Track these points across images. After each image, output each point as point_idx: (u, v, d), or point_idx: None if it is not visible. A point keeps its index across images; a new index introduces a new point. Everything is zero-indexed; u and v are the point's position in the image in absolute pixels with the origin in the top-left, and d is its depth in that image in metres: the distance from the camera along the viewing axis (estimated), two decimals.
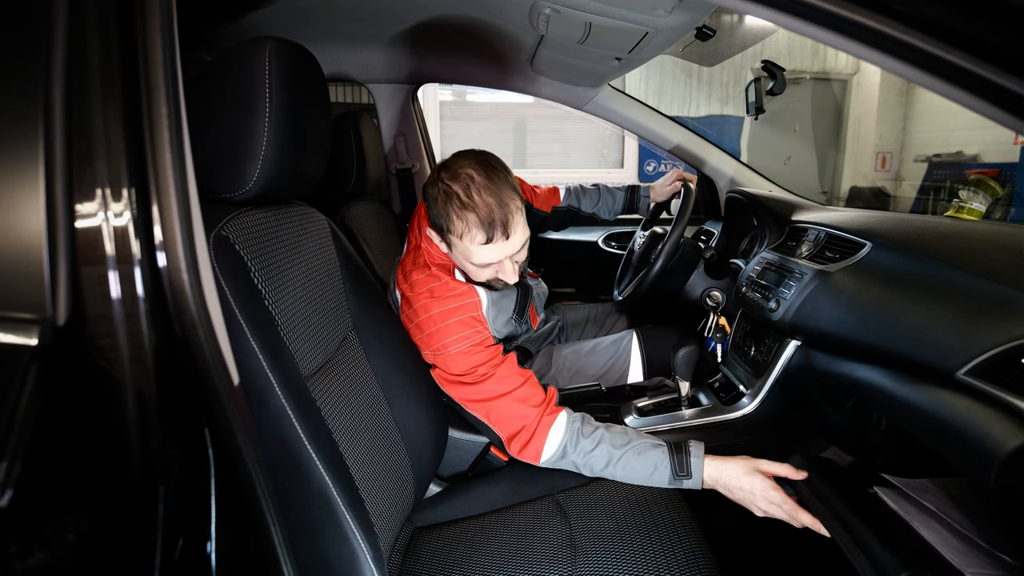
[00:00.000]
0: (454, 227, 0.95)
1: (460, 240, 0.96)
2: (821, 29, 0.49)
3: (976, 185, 4.28)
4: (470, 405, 0.99)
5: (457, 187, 0.93)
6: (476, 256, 0.97)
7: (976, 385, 0.64)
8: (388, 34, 1.54)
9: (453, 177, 0.95)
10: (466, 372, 0.99)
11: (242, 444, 0.50)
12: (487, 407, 0.98)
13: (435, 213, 0.97)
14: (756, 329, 1.21)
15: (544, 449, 0.95)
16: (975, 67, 0.44)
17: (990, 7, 0.43)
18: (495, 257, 0.98)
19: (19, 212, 0.42)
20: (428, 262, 1.07)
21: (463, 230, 0.94)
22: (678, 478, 0.90)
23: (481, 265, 1.00)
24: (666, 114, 1.80)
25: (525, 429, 0.96)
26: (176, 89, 0.47)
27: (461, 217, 0.93)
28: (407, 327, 1.06)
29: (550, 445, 0.94)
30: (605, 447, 0.93)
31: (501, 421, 0.97)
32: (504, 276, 1.03)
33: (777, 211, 1.35)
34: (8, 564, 0.40)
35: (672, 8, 1.03)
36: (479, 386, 0.98)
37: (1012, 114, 0.44)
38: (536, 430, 0.95)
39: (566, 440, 0.94)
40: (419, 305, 1.02)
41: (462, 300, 1.02)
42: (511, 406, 0.97)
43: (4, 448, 0.40)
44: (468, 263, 1.01)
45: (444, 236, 0.99)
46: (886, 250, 0.90)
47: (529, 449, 0.95)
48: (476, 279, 1.06)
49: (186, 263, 0.46)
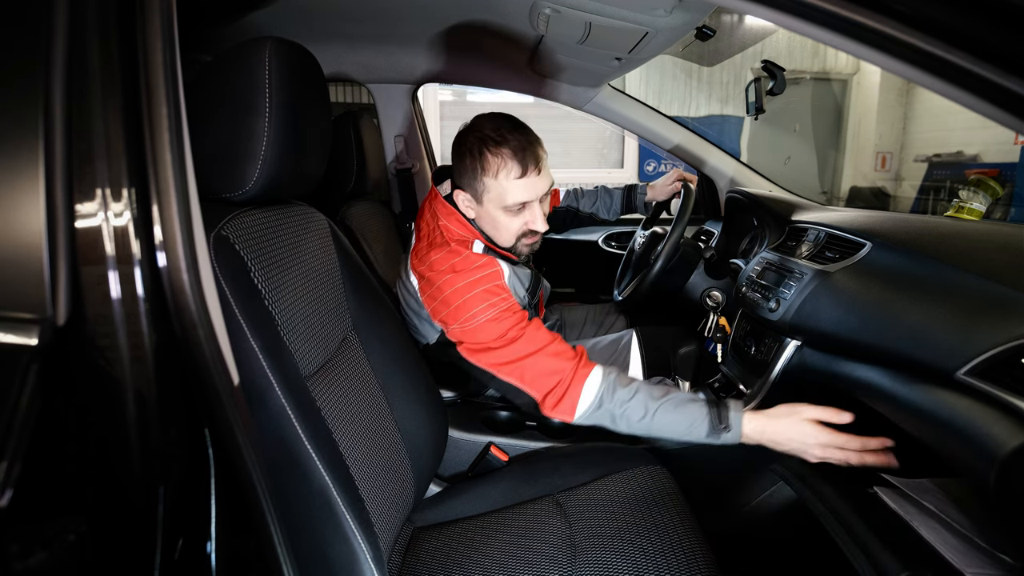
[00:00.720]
0: (489, 165, 1.01)
1: (495, 179, 1.02)
2: (821, 29, 0.49)
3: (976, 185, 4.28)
4: (502, 369, 0.98)
5: (488, 130, 1.02)
6: (511, 194, 1.02)
7: (976, 385, 0.64)
8: (388, 34, 1.54)
9: (482, 125, 1.04)
10: (497, 338, 0.98)
11: (242, 444, 0.50)
12: (520, 367, 0.96)
13: (466, 162, 1.04)
14: (756, 329, 1.21)
15: (580, 401, 0.93)
16: (975, 67, 0.44)
17: (990, 7, 0.43)
18: (529, 195, 1.04)
19: (19, 212, 0.42)
20: (447, 239, 1.08)
21: (499, 165, 1.01)
22: (715, 431, 0.88)
23: (514, 208, 1.04)
24: (666, 114, 1.80)
25: (560, 383, 0.94)
26: (176, 89, 0.47)
27: (496, 153, 1.01)
28: (429, 307, 1.06)
29: (586, 396, 0.93)
30: (642, 397, 0.92)
31: (536, 380, 0.96)
32: (534, 222, 1.08)
33: (777, 211, 1.35)
34: (8, 564, 0.40)
35: (672, 8, 1.03)
36: (510, 347, 0.97)
37: (1012, 114, 0.44)
38: (572, 382, 0.94)
39: (602, 390, 0.93)
40: (442, 281, 1.02)
41: (485, 270, 1.03)
42: (545, 361, 0.96)
43: (4, 448, 0.40)
44: (500, 212, 1.05)
45: (477, 182, 1.04)
46: (886, 250, 0.90)
47: (564, 403, 0.94)
48: (503, 239, 1.10)
49: (186, 263, 0.46)
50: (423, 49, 1.63)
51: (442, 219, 1.10)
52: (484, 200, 1.06)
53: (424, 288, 1.07)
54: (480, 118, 1.07)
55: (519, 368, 0.97)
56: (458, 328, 1.01)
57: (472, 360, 1.01)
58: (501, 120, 1.04)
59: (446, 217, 1.10)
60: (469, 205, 1.09)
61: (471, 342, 1.00)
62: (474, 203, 1.08)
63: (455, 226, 1.09)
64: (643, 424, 0.91)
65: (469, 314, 0.99)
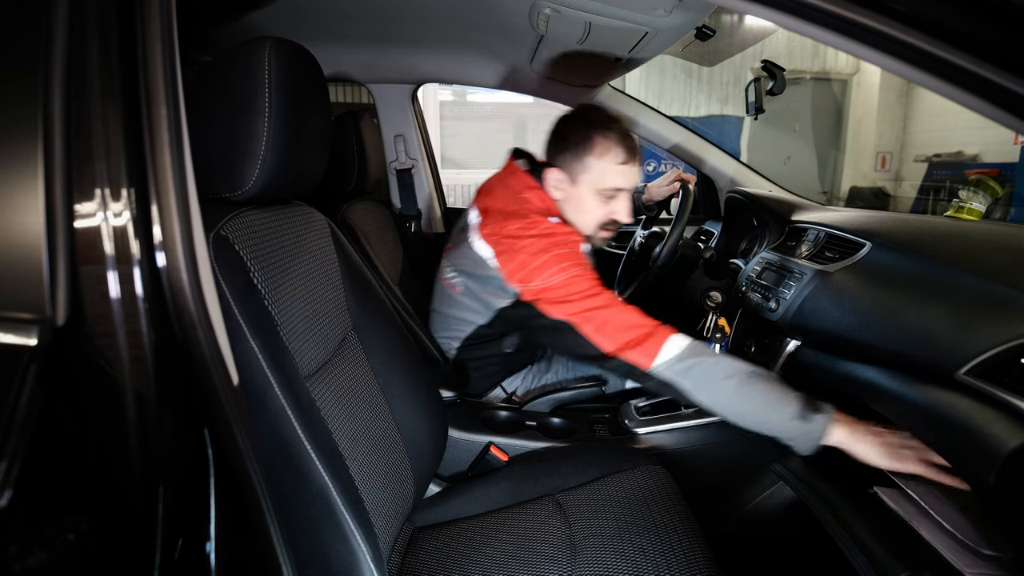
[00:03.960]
0: (595, 146, 1.07)
1: (599, 159, 1.07)
2: (821, 29, 0.49)
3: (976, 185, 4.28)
4: (583, 317, 0.97)
5: (595, 115, 1.09)
6: (609, 178, 1.08)
7: (976, 385, 0.64)
8: (388, 34, 1.54)
9: (588, 111, 1.11)
10: (579, 291, 0.98)
11: (241, 444, 0.50)
12: (602, 316, 0.96)
13: (569, 140, 1.09)
14: (756, 329, 1.21)
15: (662, 350, 0.91)
16: (975, 67, 0.44)
17: (990, 7, 0.43)
18: (625, 182, 1.10)
19: (19, 212, 0.42)
20: (529, 211, 1.10)
21: (605, 148, 1.07)
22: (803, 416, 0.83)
23: (607, 192, 1.10)
24: (666, 114, 1.80)
25: (642, 334, 0.93)
26: (175, 89, 0.47)
27: (604, 135, 1.07)
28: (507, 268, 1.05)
29: (669, 347, 0.91)
30: (726, 361, 0.90)
31: (617, 331, 0.94)
32: (620, 213, 1.13)
33: (777, 211, 1.35)
34: (8, 564, 0.40)
35: (672, 8, 1.03)
36: (593, 299, 0.98)
37: (1012, 114, 0.44)
38: (655, 333, 0.93)
39: (687, 346, 0.92)
40: (526, 243, 1.04)
41: (569, 236, 1.06)
42: (627, 315, 0.96)
43: (4, 448, 0.40)
44: (592, 195, 1.10)
45: (578, 162, 1.08)
46: (886, 250, 0.90)
47: (644, 347, 0.92)
48: (584, 224, 1.13)
49: (186, 263, 0.46)
50: (423, 49, 1.63)
51: (523, 192, 1.12)
52: (580, 180, 1.10)
53: (503, 251, 1.06)
54: (584, 106, 1.15)
55: (600, 316, 0.96)
56: (539, 283, 1.01)
57: (551, 311, 1.00)
58: (605, 110, 1.11)
59: (528, 191, 1.12)
60: (559, 185, 1.12)
61: (551, 296, 1.00)
62: (567, 183, 1.11)
63: (536, 199, 1.11)
64: (725, 385, 0.88)
65: (553, 269, 1.01)
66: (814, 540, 0.85)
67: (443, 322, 1.26)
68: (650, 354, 0.92)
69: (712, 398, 0.89)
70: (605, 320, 0.96)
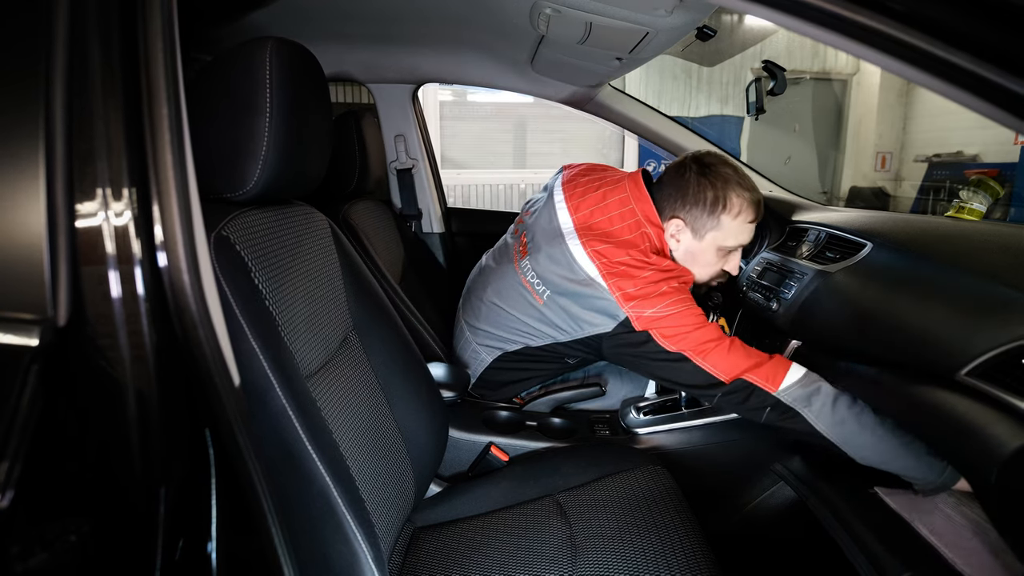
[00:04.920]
0: (732, 204, 1.07)
1: (734, 218, 1.08)
2: (821, 29, 0.49)
3: (976, 185, 4.28)
4: (701, 349, 0.98)
5: (731, 171, 1.09)
6: (738, 235, 1.10)
7: (977, 386, 0.64)
8: (388, 34, 1.54)
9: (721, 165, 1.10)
10: (695, 324, 1.00)
11: (243, 444, 0.50)
12: (720, 348, 0.97)
13: (705, 196, 1.08)
14: (756, 329, 1.21)
15: (789, 374, 0.93)
16: (975, 67, 0.44)
17: (990, 7, 0.43)
18: (749, 239, 1.12)
19: (20, 212, 0.42)
20: (647, 249, 1.08)
21: (741, 207, 1.07)
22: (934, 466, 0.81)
23: (729, 248, 1.11)
24: (666, 114, 1.80)
25: (762, 361, 0.96)
26: (177, 89, 0.47)
27: (741, 196, 1.07)
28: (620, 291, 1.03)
29: (793, 372, 0.93)
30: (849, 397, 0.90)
31: (736, 362, 0.96)
32: (732, 266, 1.15)
33: (777, 211, 1.35)
34: (9, 565, 0.40)
35: (673, 8, 1.03)
36: (707, 329, 1.00)
37: (1012, 114, 0.44)
38: (775, 359, 0.96)
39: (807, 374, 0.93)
40: (646, 274, 1.04)
41: (685, 275, 1.08)
42: (741, 347, 0.98)
43: (5, 449, 0.40)
44: (714, 250, 1.11)
45: (710, 218, 1.08)
46: (887, 250, 0.90)
47: (766, 370, 0.94)
48: (700, 276, 1.14)
49: (187, 263, 0.46)
50: (423, 49, 1.63)
51: (645, 226, 1.10)
52: (707, 236, 1.09)
53: (617, 274, 1.04)
54: (713, 157, 1.12)
55: (718, 349, 0.97)
56: (654, 313, 1.01)
57: (667, 343, 1.00)
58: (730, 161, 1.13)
59: (650, 226, 1.10)
60: (679, 236, 1.11)
61: (666, 327, 1.01)
62: (690, 236, 1.11)
63: (656, 239, 1.10)
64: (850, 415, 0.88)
65: (669, 301, 1.01)
66: (815, 540, 0.85)
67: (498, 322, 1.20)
68: (776, 378, 0.93)
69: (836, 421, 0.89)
70: (722, 351, 0.97)
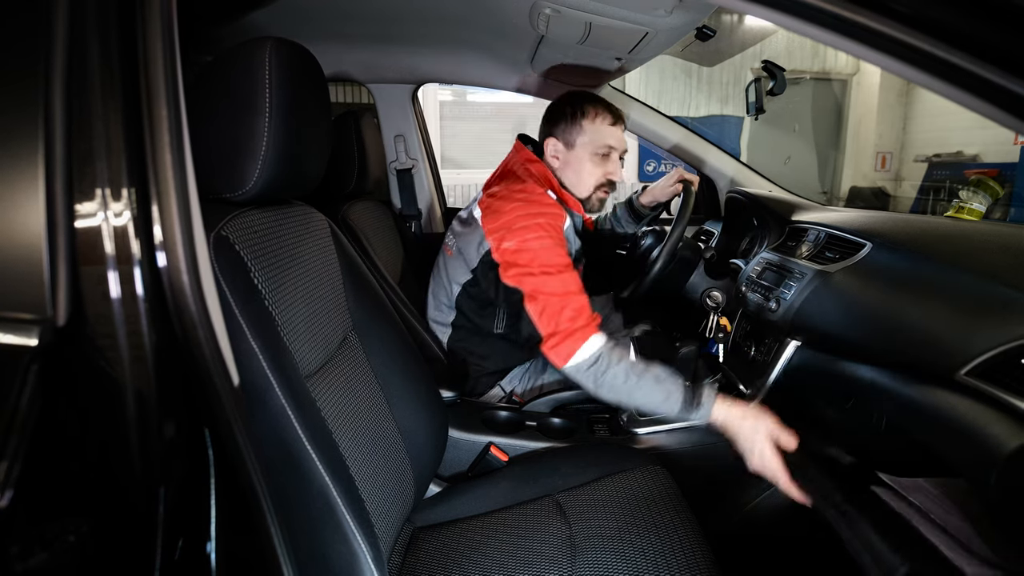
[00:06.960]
0: (588, 111, 1.21)
1: (592, 121, 1.21)
2: (821, 29, 0.49)
3: (976, 185, 4.28)
4: (531, 298, 1.07)
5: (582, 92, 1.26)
6: (604, 136, 1.21)
7: (977, 385, 0.64)
8: (388, 34, 1.54)
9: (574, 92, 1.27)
10: (538, 265, 1.07)
11: (242, 444, 0.50)
12: (543, 303, 1.05)
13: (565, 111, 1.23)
14: (756, 329, 1.21)
15: (577, 353, 1.01)
16: (975, 67, 0.44)
17: (990, 7, 0.43)
18: (617, 142, 1.24)
19: (19, 212, 0.42)
20: (526, 175, 1.22)
21: (596, 112, 1.21)
22: (688, 407, 0.96)
23: (601, 152, 1.22)
24: (666, 114, 1.80)
25: (567, 330, 1.02)
26: (176, 89, 0.47)
27: (593, 104, 1.22)
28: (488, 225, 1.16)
29: (584, 351, 1.01)
30: (626, 366, 1.00)
31: (550, 319, 1.04)
32: (614, 173, 1.26)
33: (777, 211, 1.35)
34: (9, 565, 0.40)
35: (672, 8, 1.03)
36: (543, 279, 1.06)
37: (1012, 114, 0.44)
38: (576, 333, 1.02)
39: (599, 353, 1.01)
40: (511, 207, 1.14)
41: (552, 210, 1.15)
42: (564, 306, 1.04)
43: (5, 448, 0.40)
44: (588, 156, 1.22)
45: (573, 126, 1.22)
46: (886, 250, 0.90)
47: (562, 348, 1.01)
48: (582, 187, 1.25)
49: (186, 263, 0.46)
50: (423, 49, 1.63)
51: (525, 164, 1.24)
52: (577, 144, 1.23)
53: (489, 209, 1.17)
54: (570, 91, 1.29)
55: (541, 302, 1.05)
56: (510, 246, 1.11)
57: (507, 279, 1.11)
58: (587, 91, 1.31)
59: (529, 163, 1.24)
60: (557, 153, 1.25)
61: (514, 263, 1.10)
62: (564, 150, 1.24)
63: (536, 170, 1.23)
64: (624, 389, 0.99)
65: (524, 237, 1.10)
66: (815, 540, 0.86)
67: (436, 293, 1.34)
68: (565, 356, 1.02)
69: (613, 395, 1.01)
70: (544, 306, 1.05)
